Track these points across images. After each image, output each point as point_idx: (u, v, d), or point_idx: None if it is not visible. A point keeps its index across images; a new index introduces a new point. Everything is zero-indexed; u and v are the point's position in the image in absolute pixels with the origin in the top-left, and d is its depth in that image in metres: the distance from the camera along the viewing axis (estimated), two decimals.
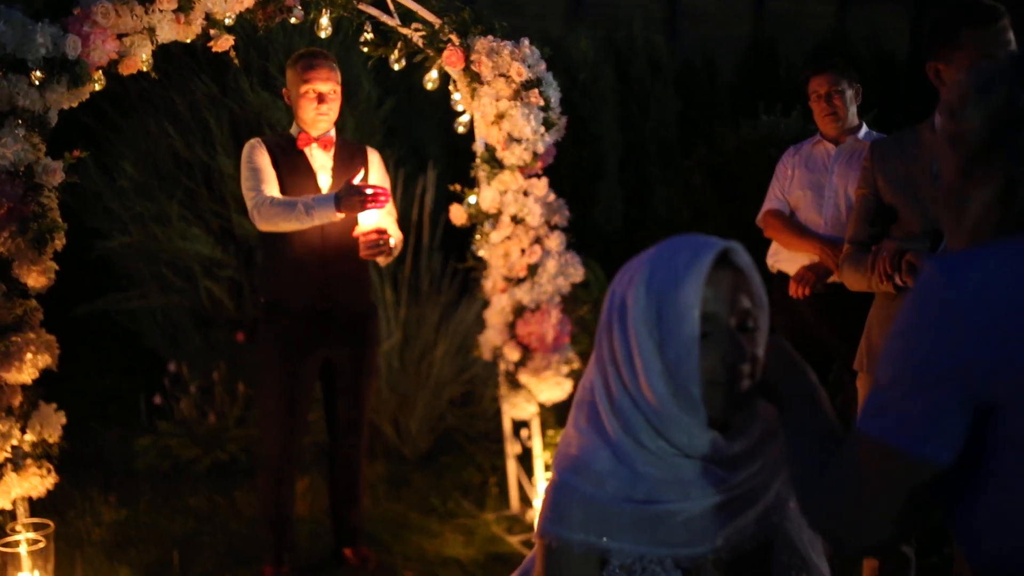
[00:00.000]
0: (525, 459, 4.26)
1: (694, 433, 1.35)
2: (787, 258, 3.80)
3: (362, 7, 3.67)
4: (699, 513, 1.37)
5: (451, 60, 3.72)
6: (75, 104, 3.18)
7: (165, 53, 4.36)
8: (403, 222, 4.62)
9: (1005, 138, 1.14)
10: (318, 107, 3.46)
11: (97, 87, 3.21)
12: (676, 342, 1.32)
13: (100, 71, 3.19)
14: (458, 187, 4.01)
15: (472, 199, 3.97)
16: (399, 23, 3.74)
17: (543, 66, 3.80)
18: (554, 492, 1.39)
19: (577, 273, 3.92)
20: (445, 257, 5.61)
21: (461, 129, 4.01)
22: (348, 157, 3.62)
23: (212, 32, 3.40)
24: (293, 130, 3.57)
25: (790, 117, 7.12)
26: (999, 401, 1.07)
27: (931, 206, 2.58)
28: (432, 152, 7.11)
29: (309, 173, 3.53)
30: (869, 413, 1.16)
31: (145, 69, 3.30)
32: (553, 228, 3.94)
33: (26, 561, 3.07)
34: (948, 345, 1.08)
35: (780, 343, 1.42)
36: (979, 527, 1.14)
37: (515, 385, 3.99)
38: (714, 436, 1.36)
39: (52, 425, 3.15)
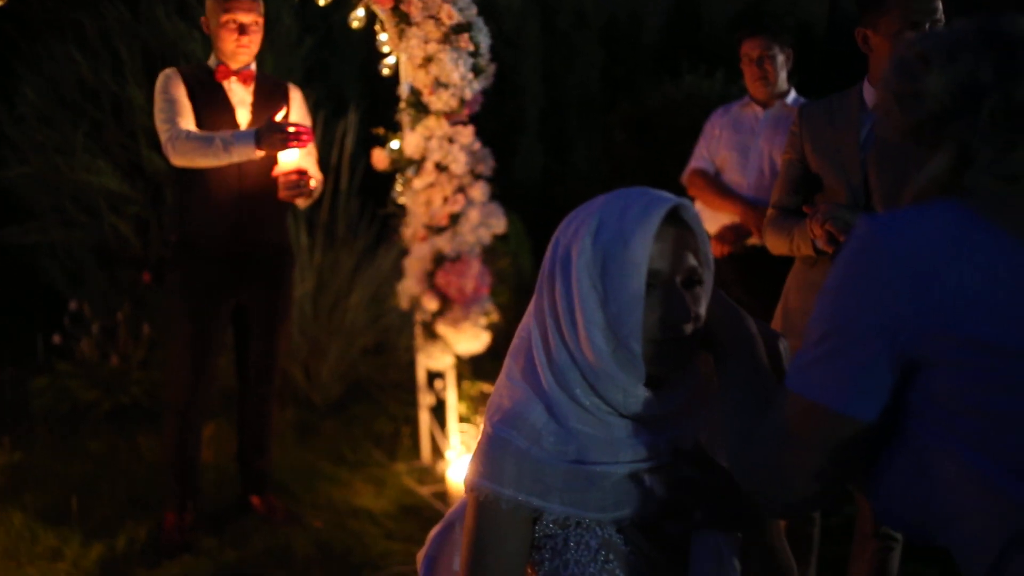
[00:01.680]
0: (438, 411, 4.23)
1: (629, 391, 1.32)
2: (709, 217, 3.81)
3: None
4: (628, 476, 1.34)
5: None
6: None
7: None
8: (322, 165, 4.49)
9: (965, 108, 1.13)
10: (239, 39, 3.31)
11: None
12: (620, 298, 1.29)
13: None
14: (381, 131, 3.90)
15: (395, 144, 3.86)
16: None
17: (474, 10, 3.70)
18: (487, 445, 1.35)
19: (499, 224, 3.86)
20: (363, 202, 5.50)
21: (386, 71, 3.89)
22: (268, 93, 3.48)
23: None
24: (211, 62, 3.41)
25: (713, 78, 7.18)
26: (924, 359, 1.07)
27: (854, 173, 2.59)
28: (352, 94, 6.94)
29: (227, 108, 3.38)
30: (797, 370, 1.16)
31: None
32: (477, 177, 3.87)
33: None
34: (878, 299, 1.08)
35: (720, 293, 1.40)
36: (893, 488, 1.14)
37: (432, 335, 3.93)
38: (648, 395, 1.34)
39: None
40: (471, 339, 3.90)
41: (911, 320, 1.06)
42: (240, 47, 3.33)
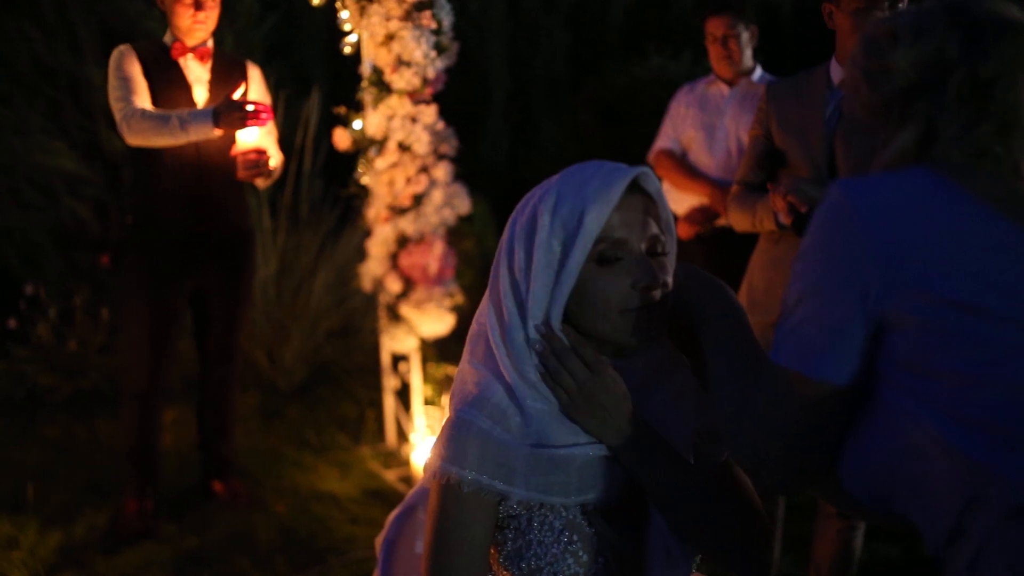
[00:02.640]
0: (403, 393, 4.19)
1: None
2: (676, 198, 3.79)
3: None
4: (593, 460, 1.32)
5: None
6: None
7: None
8: (285, 146, 4.42)
9: (932, 85, 1.15)
10: (195, 14, 3.24)
11: None
12: (567, 272, 1.28)
13: None
14: (343, 110, 3.84)
15: (357, 124, 3.80)
16: None
17: None
18: (451, 428, 1.33)
19: (464, 205, 3.82)
20: (327, 184, 5.43)
21: (347, 50, 3.83)
22: (226, 71, 3.40)
23: None
24: (167, 39, 3.33)
25: (679, 59, 7.17)
26: (894, 320, 1.08)
27: (819, 149, 2.58)
28: (315, 74, 6.85)
29: (184, 85, 3.31)
30: (779, 341, 1.17)
31: None
32: (441, 157, 3.82)
33: None
34: (850, 259, 1.10)
35: (691, 266, 1.38)
36: (859, 456, 1.15)
37: (396, 318, 3.89)
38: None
39: None
40: (435, 321, 3.86)
41: (882, 279, 1.08)
42: (196, 23, 3.25)
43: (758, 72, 3.76)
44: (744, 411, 1.20)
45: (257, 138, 3.21)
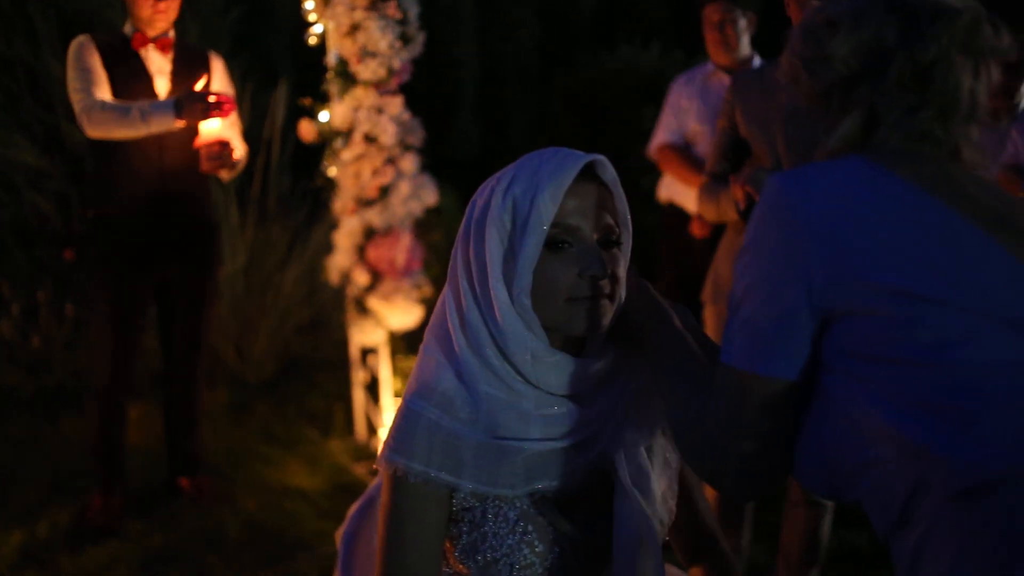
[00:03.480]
0: (373, 387, 4.17)
1: (538, 355, 1.29)
2: (683, 192, 3.77)
3: None
4: (542, 452, 1.31)
5: None
6: None
7: None
8: (252, 139, 4.37)
9: (872, 71, 1.16)
10: (156, 4, 3.19)
11: None
12: (522, 251, 1.27)
13: None
14: (308, 101, 3.81)
15: (323, 115, 3.77)
16: None
17: None
18: (400, 418, 1.32)
19: (431, 196, 3.80)
20: (296, 177, 5.39)
21: (313, 40, 3.81)
22: (188, 62, 3.36)
23: None
24: (127, 29, 3.29)
25: (648, 49, 7.17)
26: (837, 310, 1.08)
27: (779, 140, 2.58)
28: (283, 66, 6.79)
29: (145, 77, 3.26)
30: (726, 341, 1.16)
31: None
32: (407, 149, 3.80)
33: None
34: (790, 251, 1.09)
35: (642, 281, 1.38)
36: (809, 447, 1.15)
37: (363, 310, 3.87)
38: (560, 363, 1.30)
39: None
40: (403, 313, 3.84)
41: (822, 270, 1.07)
42: (157, 13, 3.21)
43: (756, 60, 3.71)
44: (697, 420, 1.19)
45: (219, 129, 3.17)
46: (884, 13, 1.15)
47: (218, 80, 3.42)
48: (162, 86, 3.29)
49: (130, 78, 3.23)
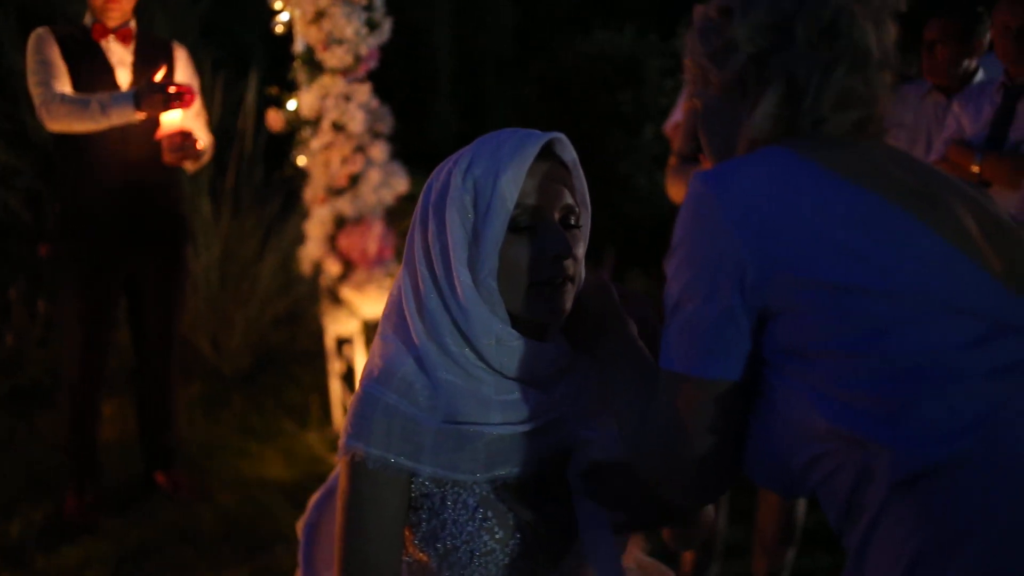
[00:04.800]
0: (349, 377, 4.14)
1: (503, 340, 1.27)
2: None
3: None
4: (502, 436, 1.29)
5: None
6: None
7: None
8: (224, 130, 4.34)
9: (781, 41, 1.14)
10: None
11: None
12: (485, 234, 1.24)
13: None
14: (276, 90, 3.78)
15: (292, 104, 3.74)
16: None
17: None
18: (357, 403, 1.30)
19: (401, 184, 3.78)
20: (270, 167, 5.34)
21: (279, 29, 3.77)
22: (151, 52, 3.32)
23: None
24: (87, 20, 3.24)
25: (623, 34, 7.15)
26: (772, 305, 1.07)
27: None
28: (255, 55, 6.72)
29: (106, 68, 3.22)
30: (665, 346, 1.14)
31: None
32: (377, 136, 3.77)
33: None
34: (719, 250, 1.07)
35: (601, 277, 1.38)
36: (757, 445, 1.14)
37: (337, 300, 3.85)
38: (524, 347, 1.28)
39: None
40: (377, 302, 3.82)
41: (752, 268, 1.05)
42: (109, 3, 3.16)
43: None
44: (644, 428, 1.17)
45: (182, 120, 3.13)
46: None
47: (181, 70, 3.37)
48: (124, 77, 3.25)
49: (91, 70, 3.19)
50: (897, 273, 1.03)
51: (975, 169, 3.01)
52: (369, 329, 4.01)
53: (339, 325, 3.93)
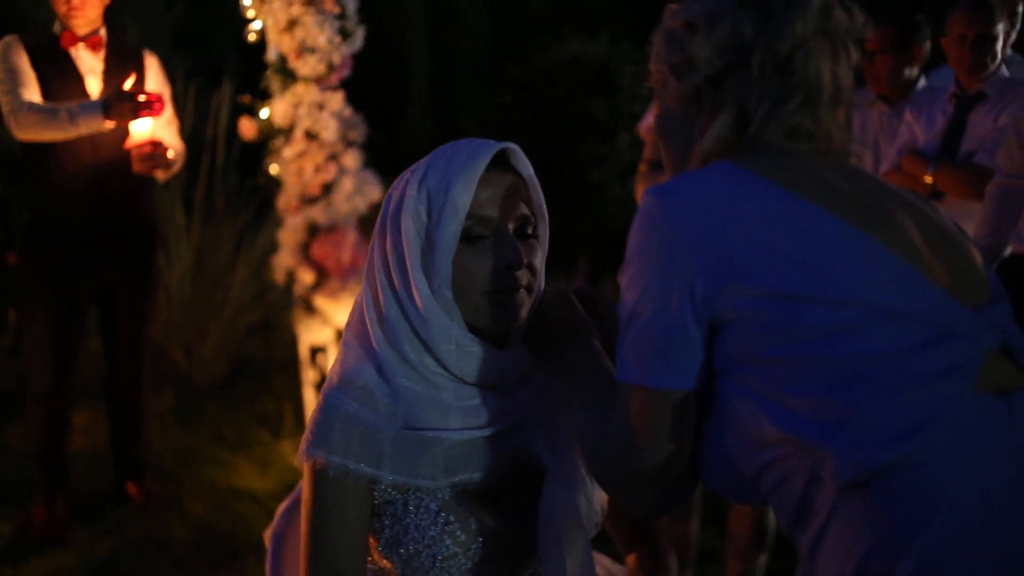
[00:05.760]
0: (323, 387, 4.12)
1: (463, 346, 1.28)
2: None
3: None
4: (461, 442, 1.30)
5: None
6: None
7: None
8: (197, 138, 4.32)
9: (736, 67, 1.16)
10: (69, 0, 3.13)
11: None
12: (439, 243, 1.25)
13: None
14: (248, 99, 3.77)
15: (264, 112, 3.73)
16: None
17: None
18: (318, 412, 1.31)
19: (375, 193, 3.78)
20: (243, 176, 5.32)
21: (252, 37, 3.76)
22: (121, 60, 3.30)
23: None
24: (56, 28, 3.23)
25: (596, 41, 7.18)
26: (723, 315, 1.09)
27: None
28: (229, 64, 6.70)
29: (75, 77, 3.20)
30: (619, 358, 1.16)
31: None
32: (350, 145, 3.76)
33: None
34: (671, 266, 1.09)
35: (560, 288, 1.38)
36: (711, 453, 1.15)
37: (310, 309, 3.83)
38: (484, 353, 1.29)
39: None
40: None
41: (702, 279, 1.07)
42: (72, 9, 3.14)
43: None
44: (602, 440, 1.18)
45: (151, 129, 3.12)
46: (737, 9, 1.16)
47: (152, 79, 3.36)
48: (94, 86, 3.23)
49: (60, 78, 3.17)
50: (842, 282, 1.05)
51: (928, 180, 3.05)
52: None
53: (312, 334, 3.91)
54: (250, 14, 3.70)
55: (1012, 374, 1.06)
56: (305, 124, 3.65)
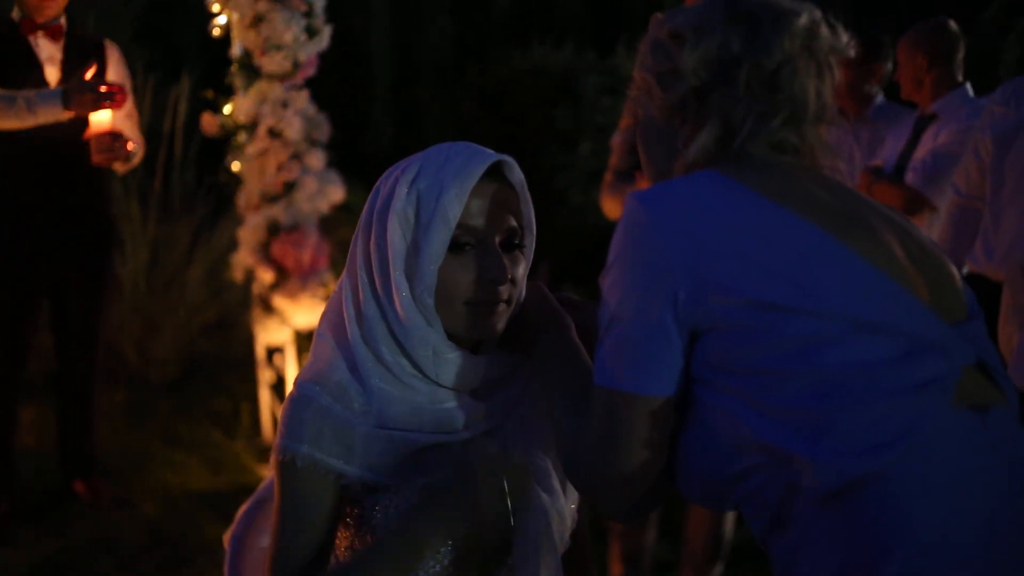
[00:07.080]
0: (279, 387, 4.09)
1: (440, 352, 1.27)
2: None
3: None
4: (435, 444, 1.29)
5: None
6: None
7: None
8: (154, 132, 4.25)
9: (722, 81, 1.17)
10: None
11: None
12: (425, 249, 1.24)
13: None
14: (211, 94, 3.72)
15: (227, 108, 3.69)
16: None
17: None
18: (290, 405, 1.30)
19: (337, 193, 3.75)
20: (201, 172, 5.25)
21: (217, 32, 3.73)
22: (81, 50, 3.24)
23: None
24: (15, 15, 3.16)
25: (561, 49, 7.21)
26: (703, 323, 1.09)
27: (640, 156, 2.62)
28: (189, 57, 6.62)
29: (34, 65, 3.14)
30: (598, 362, 1.16)
31: None
32: (314, 144, 3.73)
33: None
34: (653, 273, 1.09)
35: (540, 287, 1.37)
36: (686, 459, 1.16)
37: (269, 309, 3.79)
38: (461, 360, 1.27)
39: None
40: (309, 312, 3.78)
41: (684, 286, 1.08)
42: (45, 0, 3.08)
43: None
44: (578, 443, 1.18)
45: (111, 120, 3.06)
46: (726, 23, 1.16)
47: (113, 70, 3.30)
48: (52, 75, 3.17)
49: (18, 66, 3.11)
50: (823, 293, 1.05)
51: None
52: (301, 339, 3.96)
53: (270, 334, 3.87)
54: (215, 8, 3.66)
55: (988, 390, 1.08)
56: (269, 121, 3.62)
